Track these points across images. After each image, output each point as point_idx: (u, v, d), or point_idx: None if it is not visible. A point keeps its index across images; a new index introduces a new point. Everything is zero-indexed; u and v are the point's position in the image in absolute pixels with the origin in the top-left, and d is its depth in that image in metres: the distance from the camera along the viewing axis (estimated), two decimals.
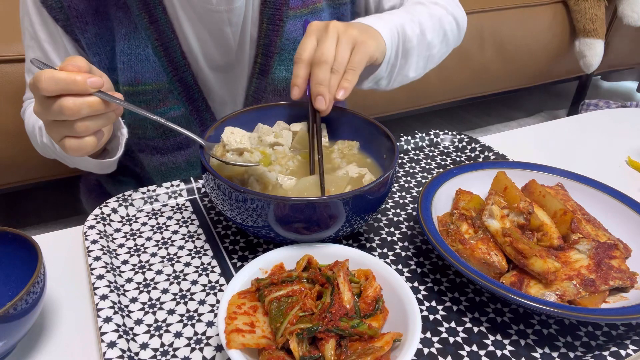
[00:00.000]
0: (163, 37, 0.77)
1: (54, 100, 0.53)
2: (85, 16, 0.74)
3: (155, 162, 0.87)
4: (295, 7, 0.82)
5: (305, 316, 0.46)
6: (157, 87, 0.79)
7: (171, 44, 0.77)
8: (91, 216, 0.67)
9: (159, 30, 0.76)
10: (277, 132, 0.72)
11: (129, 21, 0.75)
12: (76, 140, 0.57)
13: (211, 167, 0.57)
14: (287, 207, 0.53)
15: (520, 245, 0.55)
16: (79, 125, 0.55)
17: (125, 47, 0.76)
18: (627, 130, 1.01)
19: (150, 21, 0.75)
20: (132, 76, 0.77)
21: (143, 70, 0.77)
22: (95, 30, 0.75)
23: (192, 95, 0.82)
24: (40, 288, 0.48)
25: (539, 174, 0.71)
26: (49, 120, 0.56)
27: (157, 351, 0.50)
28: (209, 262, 0.62)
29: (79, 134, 0.56)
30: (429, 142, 0.91)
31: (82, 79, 0.53)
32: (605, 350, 0.50)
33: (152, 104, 0.80)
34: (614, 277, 0.54)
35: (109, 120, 0.58)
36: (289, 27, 0.83)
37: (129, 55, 0.76)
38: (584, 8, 2.03)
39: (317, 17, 0.85)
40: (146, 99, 0.79)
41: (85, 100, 0.54)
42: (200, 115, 0.84)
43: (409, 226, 0.69)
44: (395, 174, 0.61)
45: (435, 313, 0.55)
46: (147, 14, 0.75)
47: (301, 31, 0.83)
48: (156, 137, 0.84)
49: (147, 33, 0.75)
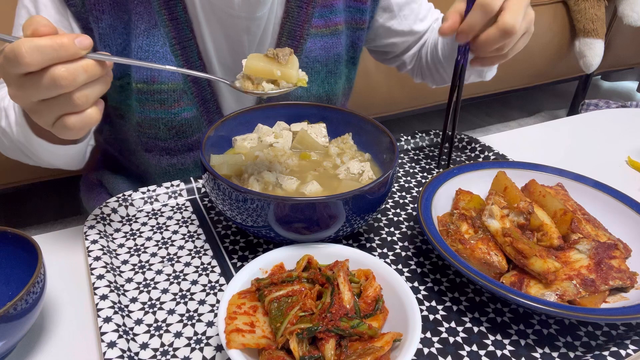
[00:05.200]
0: (181, 36, 0.76)
1: (40, 75, 0.45)
2: (102, 4, 0.71)
3: (164, 163, 0.86)
4: (317, 26, 0.83)
5: (305, 316, 0.46)
6: (173, 86, 0.78)
7: (188, 43, 0.77)
8: (91, 216, 0.67)
9: (177, 29, 0.75)
10: (277, 132, 0.72)
11: (150, 17, 0.74)
12: (78, 116, 0.49)
13: (211, 167, 0.57)
14: (287, 207, 0.53)
15: (520, 245, 0.55)
16: (77, 96, 0.47)
17: (144, 43, 0.74)
18: (627, 130, 1.01)
19: (170, 18, 0.74)
20: (149, 74, 0.76)
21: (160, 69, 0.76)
22: (110, 21, 0.73)
23: (204, 96, 0.82)
24: (40, 288, 0.48)
25: (539, 174, 0.71)
26: (35, 101, 0.48)
27: (157, 351, 0.50)
28: (209, 262, 0.62)
29: (79, 108, 0.48)
30: (429, 142, 0.91)
31: (69, 41, 0.45)
32: (605, 350, 0.50)
33: (167, 104, 0.79)
34: (614, 277, 0.54)
35: (107, 85, 0.51)
36: (309, 45, 0.83)
37: (147, 52, 0.74)
38: (584, 8, 2.03)
39: (336, 39, 0.86)
40: (161, 99, 0.78)
41: (79, 65, 0.46)
42: (210, 117, 0.84)
43: (409, 226, 0.69)
44: (395, 174, 0.61)
45: (435, 313, 0.55)
46: (167, 10, 0.74)
47: (321, 51, 0.84)
48: (168, 138, 0.82)
49: (165, 30, 0.75)
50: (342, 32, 0.87)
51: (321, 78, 0.86)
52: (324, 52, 0.85)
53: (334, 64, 0.87)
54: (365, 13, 0.88)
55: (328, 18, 0.84)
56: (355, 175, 0.66)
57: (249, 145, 0.70)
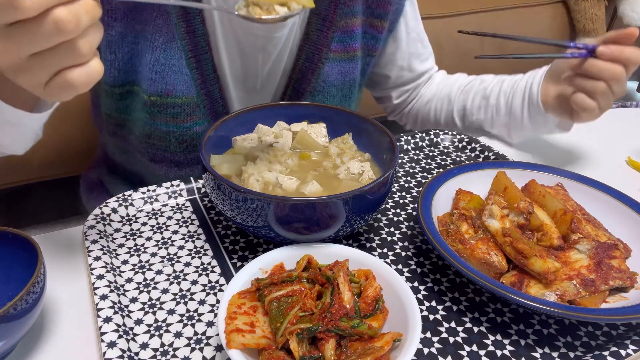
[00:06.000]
0: (197, 49, 0.75)
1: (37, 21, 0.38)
2: (115, 12, 0.70)
3: (172, 175, 0.85)
4: (335, 50, 0.83)
5: (305, 316, 0.46)
6: (187, 100, 0.77)
7: (204, 56, 0.76)
8: (91, 216, 0.67)
9: (194, 41, 0.74)
10: (277, 132, 0.72)
11: (168, 29, 0.72)
12: (82, 68, 0.41)
13: (211, 167, 0.57)
14: (287, 207, 0.53)
15: (520, 245, 0.55)
16: (81, 44, 0.40)
17: (161, 57, 0.73)
18: (627, 130, 1.01)
19: (187, 31, 0.73)
20: (164, 87, 0.75)
21: (175, 82, 0.75)
22: (121, 29, 0.72)
23: (216, 109, 0.81)
24: (40, 288, 0.48)
25: (539, 174, 0.71)
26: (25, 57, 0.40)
27: (157, 351, 0.50)
28: (209, 262, 0.62)
29: (84, 58, 0.41)
30: (429, 142, 0.91)
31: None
32: (605, 350, 0.50)
33: (180, 118, 0.78)
34: (614, 277, 0.54)
35: (102, 31, 0.43)
36: (327, 70, 0.83)
37: (164, 65, 0.73)
38: (584, 8, 2.03)
39: (354, 64, 0.86)
40: (174, 112, 0.77)
41: (80, 5, 0.39)
42: None
43: (409, 226, 0.69)
44: (395, 174, 0.61)
45: (435, 313, 0.55)
46: (185, 23, 0.73)
47: (338, 76, 0.85)
48: (179, 152, 0.82)
49: (182, 43, 0.73)
50: (359, 58, 0.87)
51: (335, 102, 0.87)
52: (340, 76, 0.85)
53: (349, 88, 0.87)
54: (380, 41, 0.89)
55: (347, 43, 0.84)
56: (355, 175, 0.66)
57: (249, 145, 0.70)
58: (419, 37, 0.96)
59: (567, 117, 0.80)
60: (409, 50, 0.95)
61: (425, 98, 1.03)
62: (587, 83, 0.72)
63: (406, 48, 0.95)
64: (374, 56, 0.90)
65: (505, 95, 0.89)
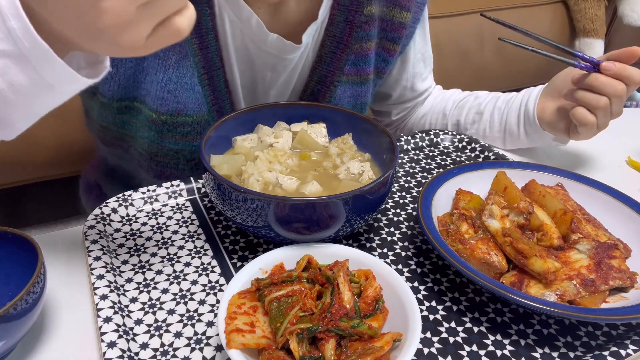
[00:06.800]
0: (210, 65, 0.74)
1: None
2: None
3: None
4: (348, 74, 0.83)
5: (305, 316, 0.46)
6: (198, 118, 0.76)
7: (217, 72, 0.75)
8: (91, 216, 0.67)
9: (207, 58, 0.73)
10: (277, 132, 0.72)
11: (181, 47, 0.71)
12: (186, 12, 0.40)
13: (211, 167, 0.57)
14: (287, 207, 0.53)
15: (520, 245, 0.55)
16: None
17: (174, 75, 0.72)
18: (627, 130, 1.01)
19: (200, 47, 0.72)
20: (175, 106, 0.74)
21: (187, 101, 0.74)
22: None
23: None
24: (40, 288, 0.48)
25: (539, 174, 0.71)
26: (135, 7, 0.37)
27: (157, 351, 0.50)
28: (209, 262, 0.62)
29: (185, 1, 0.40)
30: (429, 142, 0.91)
31: None
32: (605, 350, 0.50)
33: (190, 137, 0.77)
34: (614, 277, 0.54)
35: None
36: (339, 93, 0.83)
37: (176, 84, 0.72)
38: (584, 8, 2.03)
39: (366, 88, 0.86)
40: (184, 132, 0.76)
41: None
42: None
43: (409, 226, 0.69)
44: (395, 174, 0.61)
45: (435, 313, 0.55)
46: (199, 39, 0.71)
47: (350, 99, 0.84)
48: (186, 169, 0.81)
49: (195, 60, 0.72)
50: (371, 81, 0.87)
51: None
52: (352, 99, 0.85)
53: (360, 111, 0.88)
54: (390, 64, 0.89)
55: (361, 67, 0.84)
56: (355, 175, 0.66)
57: (249, 145, 0.70)
58: (423, 57, 0.96)
59: (564, 134, 0.81)
60: (414, 70, 0.96)
61: (420, 112, 1.03)
62: (590, 96, 0.73)
63: (411, 69, 0.95)
64: (383, 77, 0.90)
65: (499, 111, 0.89)
